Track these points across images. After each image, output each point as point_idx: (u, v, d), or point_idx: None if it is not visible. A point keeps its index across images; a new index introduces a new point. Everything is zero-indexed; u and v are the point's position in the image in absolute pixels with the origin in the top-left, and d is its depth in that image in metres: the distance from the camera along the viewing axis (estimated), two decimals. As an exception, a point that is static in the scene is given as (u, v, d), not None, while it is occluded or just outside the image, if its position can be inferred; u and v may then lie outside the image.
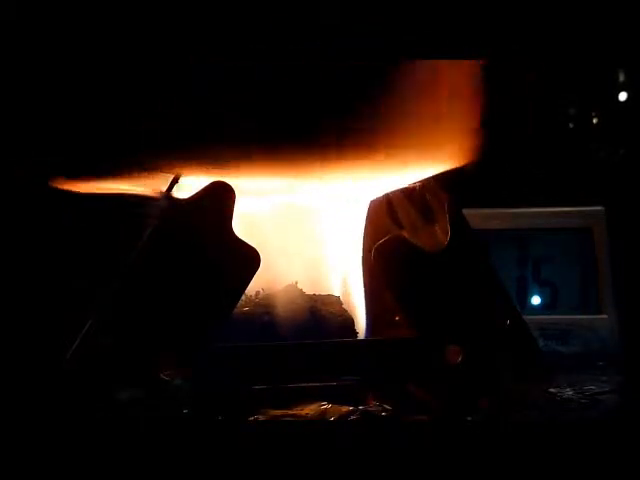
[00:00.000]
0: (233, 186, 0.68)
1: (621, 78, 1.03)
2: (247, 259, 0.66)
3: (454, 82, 0.69)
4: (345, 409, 0.60)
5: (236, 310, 0.68)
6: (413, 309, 0.69)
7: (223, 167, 0.68)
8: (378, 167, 0.70)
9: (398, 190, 0.77)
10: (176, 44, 0.64)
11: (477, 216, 0.83)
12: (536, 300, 0.91)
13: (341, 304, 0.73)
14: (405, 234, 0.75)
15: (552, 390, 0.67)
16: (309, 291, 0.72)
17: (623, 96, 1.03)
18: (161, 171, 0.70)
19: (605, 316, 0.89)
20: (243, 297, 0.69)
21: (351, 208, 0.76)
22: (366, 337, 0.73)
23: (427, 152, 0.69)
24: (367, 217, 0.76)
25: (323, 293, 0.73)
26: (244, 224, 0.69)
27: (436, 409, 0.61)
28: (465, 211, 0.73)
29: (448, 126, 0.69)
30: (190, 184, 0.70)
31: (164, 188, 0.71)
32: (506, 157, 0.90)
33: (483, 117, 0.71)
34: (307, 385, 0.64)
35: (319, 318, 0.71)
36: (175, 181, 0.70)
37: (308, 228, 0.75)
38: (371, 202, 0.76)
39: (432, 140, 0.69)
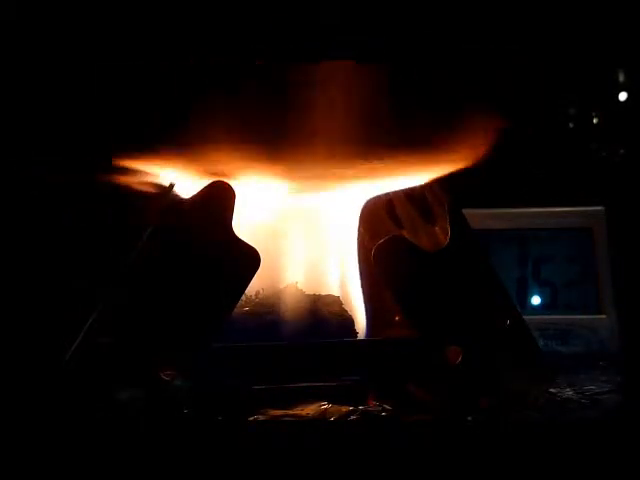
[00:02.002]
0: (233, 186, 0.68)
1: (621, 78, 1.03)
2: (247, 259, 0.66)
3: (456, 83, 0.69)
4: (345, 409, 0.60)
5: (236, 310, 0.68)
6: (413, 309, 0.69)
7: (223, 167, 0.68)
8: (380, 169, 0.70)
9: (398, 190, 0.77)
10: (176, 44, 0.64)
11: (477, 216, 0.83)
12: (536, 300, 0.91)
13: (341, 304, 0.73)
14: (405, 234, 0.75)
15: (552, 390, 0.67)
16: (309, 291, 0.72)
17: (623, 96, 1.03)
18: (160, 171, 0.70)
19: (605, 316, 0.89)
20: (243, 297, 0.69)
21: (352, 208, 0.76)
22: (366, 337, 0.73)
23: (430, 155, 0.69)
24: (361, 217, 0.76)
25: (323, 293, 0.73)
26: (244, 224, 0.69)
27: (436, 409, 0.61)
28: (465, 211, 0.73)
29: (450, 128, 0.69)
30: (190, 185, 0.70)
31: (163, 189, 0.71)
32: (506, 157, 0.90)
33: (484, 118, 0.71)
34: (307, 385, 0.64)
35: (319, 318, 0.71)
36: (171, 187, 0.70)
37: (308, 228, 0.75)
38: (366, 203, 0.76)
39: (435, 143, 0.69)
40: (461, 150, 0.70)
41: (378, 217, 0.78)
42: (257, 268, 0.67)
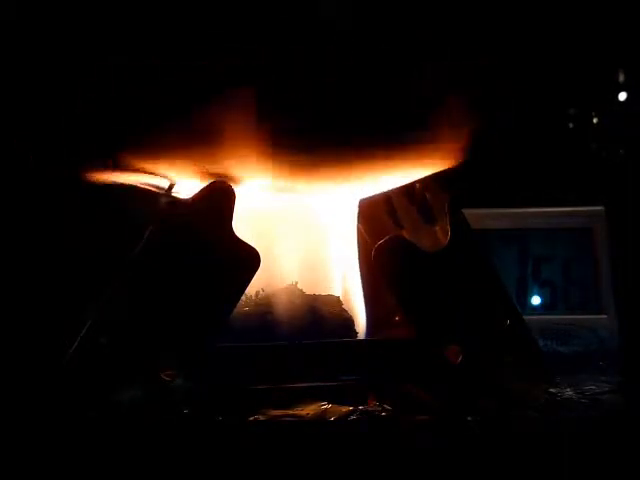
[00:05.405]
0: (233, 186, 0.68)
1: (621, 78, 1.03)
2: (247, 259, 0.66)
3: (454, 82, 0.69)
4: (345, 409, 0.60)
5: (236, 310, 0.68)
6: (413, 309, 0.69)
7: (223, 167, 0.68)
8: (378, 167, 0.70)
9: (398, 190, 0.77)
10: (176, 44, 0.64)
11: (477, 216, 0.83)
12: (536, 300, 0.91)
13: (341, 304, 0.73)
14: (405, 234, 0.75)
15: (552, 390, 0.67)
16: (309, 291, 0.72)
17: (623, 96, 1.03)
18: (160, 171, 0.70)
19: (605, 316, 0.89)
20: (243, 297, 0.69)
21: (352, 208, 0.76)
22: (366, 337, 0.73)
23: (425, 152, 0.69)
24: (359, 217, 0.76)
25: (323, 293, 0.73)
26: (244, 224, 0.69)
27: (436, 409, 0.61)
28: (465, 211, 0.73)
29: (447, 126, 0.69)
30: (190, 185, 0.70)
31: (163, 189, 0.71)
32: (506, 157, 0.90)
33: (483, 117, 0.71)
34: (307, 385, 0.64)
35: (319, 318, 0.71)
36: (170, 187, 0.70)
37: (308, 228, 0.75)
38: (361, 202, 0.76)
39: (430, 140, 0.69)
40: (453, 148, 0.70)
41: (378, 217, 0.78)
42: (257, 268, 0.67)
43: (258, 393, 0.63)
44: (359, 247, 0.76)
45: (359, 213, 0.77)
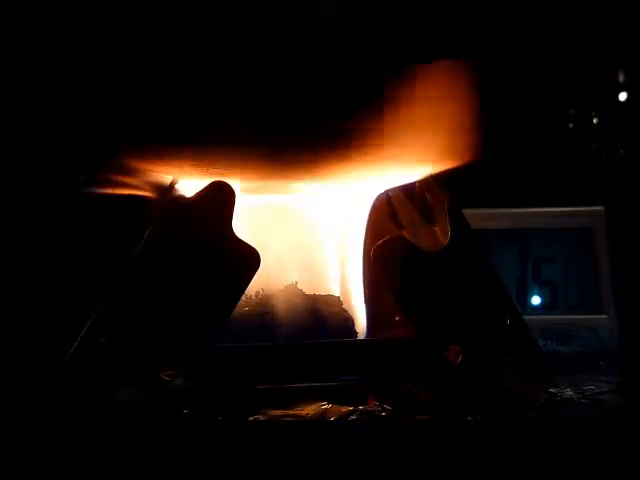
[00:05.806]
0: (233, 186, 0.68)
1: (621, 78, 1.03)
2: (247, 259, 0.66)
3: (454, 82, 0.69)
4: (345, 409, 0.60)
5: (236, 310, 0.68)
6: (413, 309, 0.69)
7: (223, 167, 0.68)
8: (378, 167, 0.70)
9: (398, 190, 0.77)
10: (176, 44, 0.64)
11: (477, 216, 0.83)
12: (536, 300, 0.91)
13: (341, 304, 0.73)
14: (405, 234, 0.75)
15: (552, 390, 0.67)
16: (309, 291, 0.72)
17: (623, 96, 1.03)
18: (160, 171, 0.70)
19: (605, 316, 0.89)
20: (243, 297, 0.69)
21: (351, 208, 0.76)
22: (366, 337, 0.73)
23: (427, 152, 0.70)
24: (370, 212, 0.76)
25: (323, 293, 0.73)
26: (244, 224, 0.69)
27: (436, 409, 0.61)
28: (465, 211, 0.73)
29: (447, 126, 0.69)
30: (190, 185, 0.70)
31: (164, 189, 0.71)
32: (506, 157, 0.90)
33: (483, 117, 0.71)
34: (307, 385, 0.64)
35: (319, 318, 0.71)
36: (172, 185, 0.70)
37: (308, 228, 0.75)
38: (376, 197, 0.76)
39: (431, 140, 0.69)
40: (456, 148, 0.70)
41: (379, 217, 0.78)
42: (257, 268, 0.67)
43: (258, 393, 0.63)
44: (359, 247, 0.76)
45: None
